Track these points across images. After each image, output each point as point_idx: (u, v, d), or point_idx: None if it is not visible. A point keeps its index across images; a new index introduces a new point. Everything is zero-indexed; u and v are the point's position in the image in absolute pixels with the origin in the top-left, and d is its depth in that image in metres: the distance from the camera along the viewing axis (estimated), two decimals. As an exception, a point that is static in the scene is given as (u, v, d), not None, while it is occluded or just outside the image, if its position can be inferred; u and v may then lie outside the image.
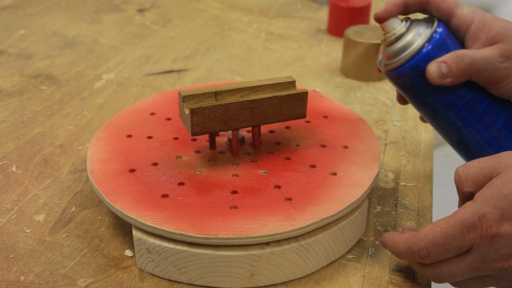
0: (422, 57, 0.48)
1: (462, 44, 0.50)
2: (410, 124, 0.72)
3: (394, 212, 0.57)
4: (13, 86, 0.81)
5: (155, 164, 0.54)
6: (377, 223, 0.55)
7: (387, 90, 0.81)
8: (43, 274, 0.49)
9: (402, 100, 0.56)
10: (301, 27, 1.04)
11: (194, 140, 0.58)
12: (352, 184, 0.51)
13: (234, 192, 0.50)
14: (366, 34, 0.82)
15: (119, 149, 0.56)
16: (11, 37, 0.97)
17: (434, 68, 0.48)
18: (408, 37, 0.49)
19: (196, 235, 0.45)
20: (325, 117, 0.62)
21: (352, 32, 0.83)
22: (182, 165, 0.54)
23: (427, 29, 0.49)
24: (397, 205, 0.58)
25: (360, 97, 0.78)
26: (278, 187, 0.51)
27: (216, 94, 0.52)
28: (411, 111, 0.75)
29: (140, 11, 1.11)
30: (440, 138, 0.56)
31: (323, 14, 1.09)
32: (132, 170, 0.53)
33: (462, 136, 0.51)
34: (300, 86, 0.80)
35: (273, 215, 0.47)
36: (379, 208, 0.57)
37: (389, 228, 0.55)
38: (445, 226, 0.42)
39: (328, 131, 0.59)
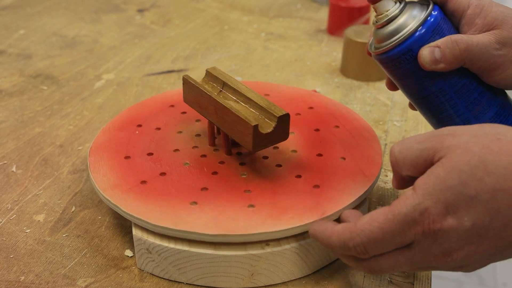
0: (415, 41, 0.46)
1: (457, 29, 0.48)
2: (410, 124, 0.72)
3: (394, 212, 0.57)
4: (13, 86, 0.81)
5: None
6: (377, 223, 0.55)
7: (387, 90, 0.80)
8: (43, 274, 0.49)
9: (391, 86, 0.53)
10: (301, 27, 1.04)
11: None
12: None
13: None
14: (366, 34, 0.82)
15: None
16: (11, 37, 0.97)
17: (427, 53, 0.46)
18: (401, 20, 0.47)
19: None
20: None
21: (352, 32, 0.83)
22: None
23: (421, 12, 0.47)
24: (397, 205, 0.58)
25: (360, 97, 0.78)
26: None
27: (224, 84, 0.55)
28: (411, 111, 0.75)
29: (140, 11, 1.11)
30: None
31: (323, 14, 1.09)
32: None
33: (452, 125, 0.50)
34: (300, 87, 0.80)
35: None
36: (379, 208, 0.57)
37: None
38: (383, 221, 0.38)
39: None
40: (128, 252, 0.51)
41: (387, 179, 0.62)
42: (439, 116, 0.50)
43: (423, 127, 0.72)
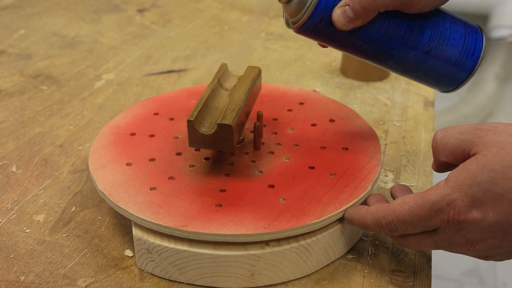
0: (324, 7, 0.46)
1: None
2: (410, 124, 0.72)
3: (394, 212, 0.57)
4: (13, 86, 0.81)
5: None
6: (377, 223, 0.55)
7: (387, 90, 0.81)
8: (43, 274, 0.49)
9: (322, 45, 0.53)
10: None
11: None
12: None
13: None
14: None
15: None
16: (11, 37, 0.97)
17: (339, 15, 0.45)
18: None
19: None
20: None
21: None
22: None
23: None
24: (397, 205, 0.58)
25: (360, 97, 0.78)
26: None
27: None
28: (411, 111, 0.75)
29: (140, 11, 1.11)
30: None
31: (323, 14, 1.09)
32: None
33: (397, 62, 0.50)
34: (300, 86, 0.80)
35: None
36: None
37: (389, 228, 0.55)
38: (413, 205, 0.42)
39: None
40: (128, 252, 0.51)
41: (387, 179, 0.62)
42: (382, 58, 0.50)
43: (423, 127, 0.72)
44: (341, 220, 0.49)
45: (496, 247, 0.40)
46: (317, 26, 0.47)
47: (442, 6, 0.50)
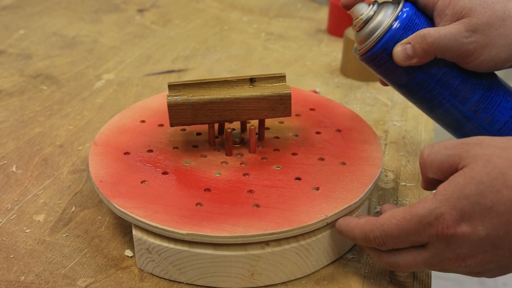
0: (389, 39, 0.49)
1: (432, 22, 0.50)
2: (410, 124, 0.72)
3: (394, 212, 0.57)
4: (13, 86, 0.81)
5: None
6: (377, 223, 0.55)
7: (387, 90, 0.81)
8: (43, 274, 0.49)
9: (382, 82, 0.56)
10: (301, 27, 1.04)
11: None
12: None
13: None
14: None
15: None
16: (11, 37, 0.97)
17: (399, 50, 0.48)
18: (376, 21, 0.50)
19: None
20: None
21: (352, 32, 0.83)
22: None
23: (394, 10, 0.49)
24: (397, 205, 0.58)
25: (360, 97, 0.78)
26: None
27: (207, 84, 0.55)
28: (411, 111, 0.75)
29: (140, 11, 1.11)
30: (440, 138, 0.56)
31: (323, 14, 1.09)
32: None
33: (442, 113, 0.51)
34: (300, 86, 0.80)
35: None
36: (379, 208, 0.57)
37: (389, 228, 0.55)
38: (401, 219, 0.41)
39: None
40: (128, 252, 0.51)
41: (387, 179, 0.62)
42: (429, 105, 0.52)
43: (423, 127, 0.72)
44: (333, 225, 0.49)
45: (487, 262, 0.40)
46: (378, 56, 0.50)
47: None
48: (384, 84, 0.56)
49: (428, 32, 0.47)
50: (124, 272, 0.49)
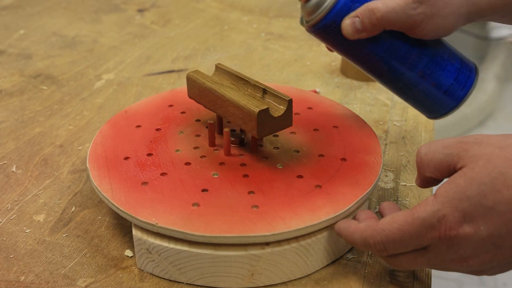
0: (338, 12, 0.49)
1: None
2: (410, 124, 0.72)
3: (394, 212, 0.57)
4: (13, 86, 0.81)
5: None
6: (377, 223, 0.55)
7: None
8: (43, 274, 0.49)
9: (329, 49, 0.56)
10: (301, 27, 1.03)
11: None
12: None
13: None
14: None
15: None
16: (11, 37, 0.97)
17: (348, 24, 0.48)
18: None
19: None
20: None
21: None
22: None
23: None
24: (397, 205, 0.58)
25: (360, 97, 0.78)
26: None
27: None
28: (411, 111, 0.75)
29: (140, 11, 1.11)
30: (439, 138, 0.56)
31: (323, 14, 1.09)
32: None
33: (391, 80, 0.53)
34: (300, 86, 0.80)
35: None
36: (379, 208, 0.57)
37: (389, 228, 0.55)
38: (402, 223, 0.40)
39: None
40: (128, 252, 0.51)
41: (387, 179, 0.62)
42: (378, 73, 0.53)
43: (423, 127, 0.72)
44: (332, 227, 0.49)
45: (489, 261, 0.39)
46: (327, 29, 0.50)
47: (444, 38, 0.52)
48: (330, 50, 0.56)
49: (376, 6, 0.47)
50: (124, 272, 0.49)
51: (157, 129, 0.60)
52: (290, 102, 0.52)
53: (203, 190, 0.50)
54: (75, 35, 0.99)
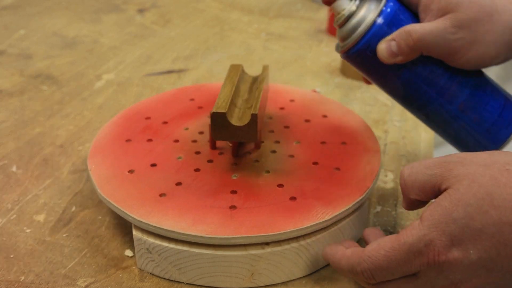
0: (373, 35, 0.47)
1: (417, 18, 0.48)
2: (410, 124, 0.72)
3: (394, 212, 0.57)
4: (13, 86, 0.81)
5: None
6: (377, 223, 0.55)
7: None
8: (43, 274, 0.49)
9: (367, 81, 0.54)
10: (301, 27, 1.04)
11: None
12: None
13: (234, 192, 0.50)
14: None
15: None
16: (11, 37, 0.97)
17: (383, 47, 0.46)
18: (359, 15, 0.47)
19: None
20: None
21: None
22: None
23: (377, 5, 0.47)
24: (397, 205, 0.58)
25: (360, 97, 0.78)
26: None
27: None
28: (411, 111, 0.75)
29: (140, 11, 1.11)
30: (440, 138, 0.56)
31: (323, 14, 1.09)
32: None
33: (429, 112, 0.50)
34: (300, 86, 0.80)
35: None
36: (379, 208, 0.57)
37: (389, 228, 0.55)
38: (389, 249, 0.38)
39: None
40: (128, 252, 0.51)
41: (387, 179, 0.62)
42: (415, 104, 0.50)
43: (423, 127, 0.72)
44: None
45: (482, 285, 0.37)
46: (362, 54, 0.48)
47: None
48: (368, 83, 0.54)
49: (413, 28, 0.46)
50: (124, 272, 0.49)
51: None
52: (254, 116, 0.50)
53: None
54: (75, 35, 0.99)
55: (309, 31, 1.02)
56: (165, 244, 0.47)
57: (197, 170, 0.53)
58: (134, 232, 0.48)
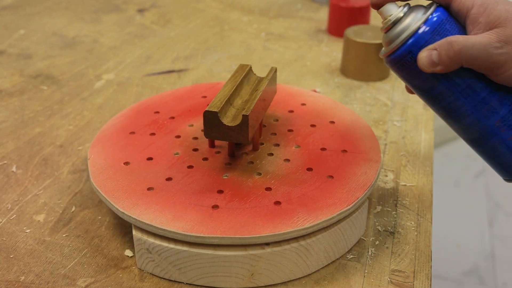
0: (415, 42, 0.47)
1: (464, 30, 0.48)
2: (410, 124, 0.72)
3: (394, 212, 0.57)
4: (13, 86, 0.81)
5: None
6: (377, 223, 0.55)
7: (387, 90, 0.81)
8: (43, 274, 0.49)
9: (409, 90, 0.54)
10: (301, 27, 1.04)
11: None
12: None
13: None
14: (366, 34, 0.82)
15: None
16: (11, 37, 0.97)
17: (424, 56, 0.46)
18: (405, 22, 0.47)
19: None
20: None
21: (352, 32, 0.83)
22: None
23: (424, 14, 0.47)
24: (397, 205, 0.58)
25: (360, 97, 0.78)
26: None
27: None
28: (411, 111, 0.75)
29: (140, 11, 1.11)
30: (440, 138, 0.56)
31: (323, 14, 1.09)
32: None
33: (464, 125, 0.49)
34: (300, 86, 0.80)
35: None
36: (379, 208, 0.57)
37: (389, 228, 0.55)
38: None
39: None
40: (128, 252, 0.51)
41: (387, 179, 0.62)
42: (450, 115, 0.49)
43: (423, 127, 0.72)
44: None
45: None
46: (403, 60, 0.47)
47: None
48: (410, 92, 0.53)
49: (456, 39, 0.45)
50: (124, 272, 0.49)
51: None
52: (245, 117, 0.50)
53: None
54: (75, 35, 0.99)
55: (309, 31, 1.02)
56: (165, 244, 0.47)
57: (190, 167, 0.53)
58: (134, 232, 0.48)
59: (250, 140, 0.51)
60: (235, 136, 0.51)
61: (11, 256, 0.51)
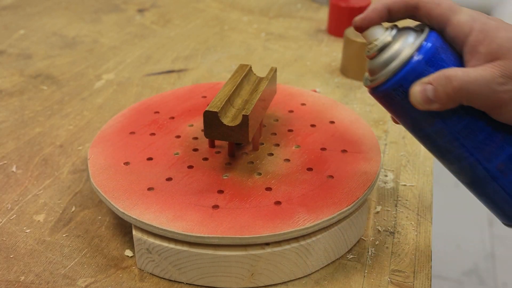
0: (407, 74, 0.40)
1: (460, 59, 0.41)
2: (410, 124, 0.72)
3: (394, 212, 0.57)
4: (13, 86, 0.81)
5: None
6: (377, 223, 0.55)
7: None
8: (43, 274, 0.49)
9: (394, 120, 0.47)
10: (301, 27, 1.04)
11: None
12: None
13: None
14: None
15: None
16: (11, 37, 0.97)
17: (418, 91, 0.40)
18: (393, 48, 0.41)
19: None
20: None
21: (352, 32, 0.83)
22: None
23: (416, 39, 0.41)
24: (397, 205, 0.58)
25: (360, 97, 0.78)
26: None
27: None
28: (411, 111, 0.75)
29: (140, 11, 1.11)
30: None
31: (323, 14, 1.09)
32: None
33: (462, 168, 0.43)
34: (300, 86, 0.80)
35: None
36: (379, 208, 0.57)
37: (389, 228, 0.55)
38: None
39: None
40: (128, 252, 0.51)
41: (387, 179, 0.62)
42: (446, 156, 0.44)
43: (423, 127, 0.72)
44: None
45: None
46: (392, 93, 0.41)
47: None
48: (396, 122, 0.47)
49: (455, 74, 0.39)
50: (124, 272, 0.49)
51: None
52: (245, 117, 0.50)
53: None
54: (75, 35, 0.99)
55: (309, 31, 1.02)
56: (165, 244, 0.47)
57: (190, 167, 0.53)
58: (134, 232, 0.48)
59: (250, 140, 0.51)
60: (235, 136, 0.51)
61: (11, 256, 0.51)
